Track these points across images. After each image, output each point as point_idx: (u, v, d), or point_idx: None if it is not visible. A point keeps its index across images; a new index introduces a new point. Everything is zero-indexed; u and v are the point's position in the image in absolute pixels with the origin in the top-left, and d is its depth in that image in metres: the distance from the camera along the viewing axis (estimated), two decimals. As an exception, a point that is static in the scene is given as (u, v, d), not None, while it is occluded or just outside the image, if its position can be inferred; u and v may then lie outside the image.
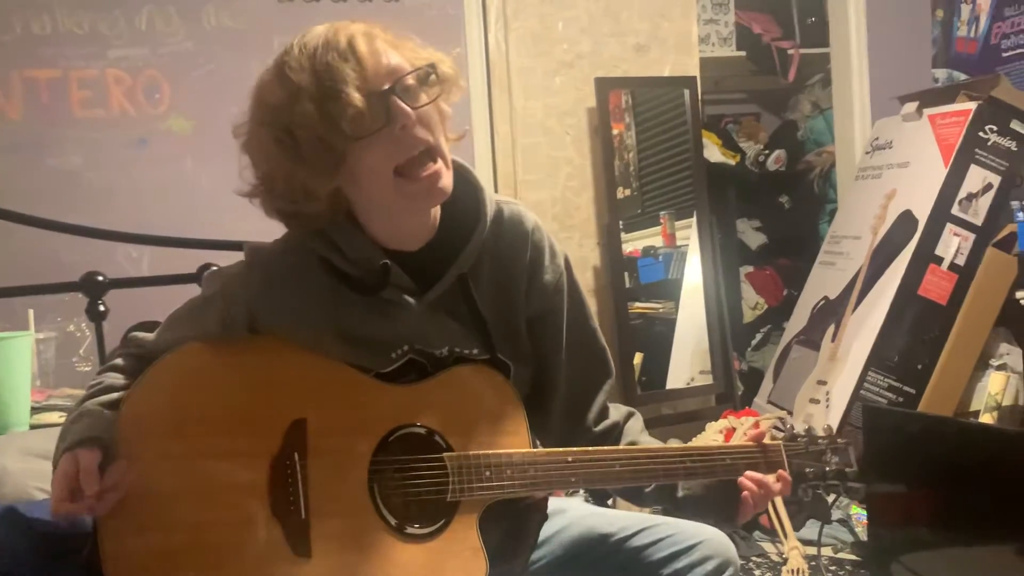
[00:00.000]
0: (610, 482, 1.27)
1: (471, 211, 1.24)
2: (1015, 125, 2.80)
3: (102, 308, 1.92)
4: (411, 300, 1.21)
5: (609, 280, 3.24)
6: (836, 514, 2.60)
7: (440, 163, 1.16)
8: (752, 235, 4.19)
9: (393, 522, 1.17)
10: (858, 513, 2.56)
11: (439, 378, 1.22)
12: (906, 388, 2.79)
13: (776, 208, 4.21)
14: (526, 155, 3.22)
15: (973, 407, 2.78)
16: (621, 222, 3.22)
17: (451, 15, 3.15)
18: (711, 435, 2.86)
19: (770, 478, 1.32)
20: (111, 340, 2.26)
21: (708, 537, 1.31)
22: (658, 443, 1.37)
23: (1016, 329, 2.75)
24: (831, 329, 3.06)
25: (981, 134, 2.80)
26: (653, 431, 3.18)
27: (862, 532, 2.47)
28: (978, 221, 2.81)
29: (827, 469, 1.39)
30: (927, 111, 3.02)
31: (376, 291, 1.20)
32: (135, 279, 2.44)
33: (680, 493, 1.33)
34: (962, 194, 2.82)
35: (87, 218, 2.44)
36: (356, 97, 1.09)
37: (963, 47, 3.21)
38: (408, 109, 1.12)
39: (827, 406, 2.90)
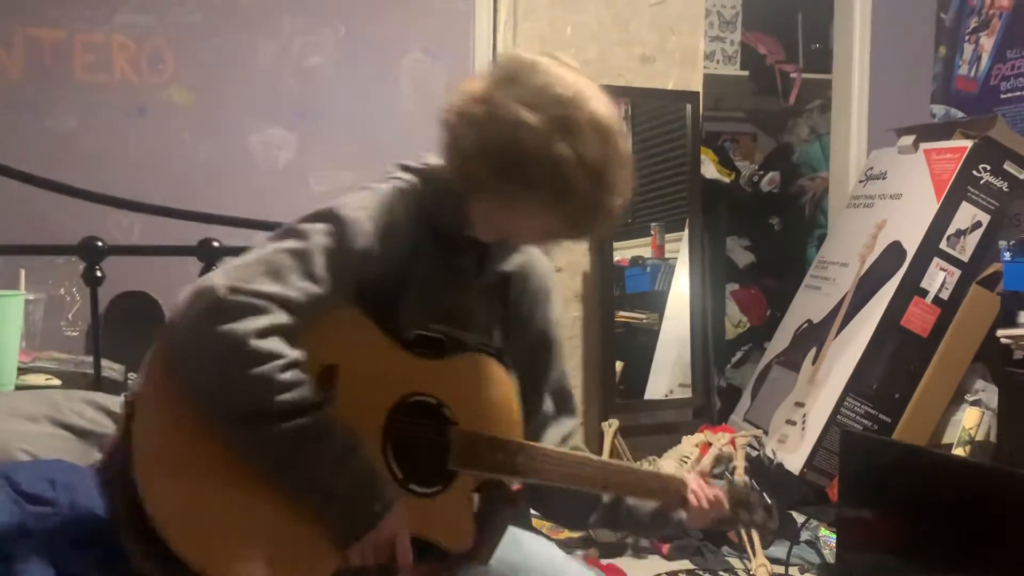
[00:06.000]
0: (577, 483, 1.36)
1: None
2: (1008, 166, 2.84)
3: (99, 274, 1.90)
4: (469, 281, 1.32)
5: (598, 287, 3.26)
6: (804, 535, 2.63)
7: None
8: (740, 253, 4.22)
9: (399, 476, 1.23)
10: (826, 536, 2.59)
11: (459, 359, 1.29)
12: (882, 416, 2.83)
13: (766, 229, 4.25)
14: (525, 156, 3.23)
15: (946, 439, 2.82)
16: (613, 230, 3.24)
17: (461, 9, 3.15)
18: (687, 448, 2.89)
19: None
20: (102, 307, 2.24)
21: None
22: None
23: (993, 366, 2.79)
24: (812, 352, 3.10)
25: (975, 172, 2.85)
26: (629, 440, 3.20)
27: (829, 555, 2.50)
28: (965, 257, 2.86)
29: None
30: (923, 145, 3.06)
31: (452, 256, 1.29)
32: (134, 247, 2.42)
33: (623, 512, 1.45)
34: (951, 230, 2.86)
35: (80, 182, 2.40)
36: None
37: (963, 85, 3.26)
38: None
39: (803, 428, 2.93)
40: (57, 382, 2.02)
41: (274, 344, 1.09)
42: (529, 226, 1.26)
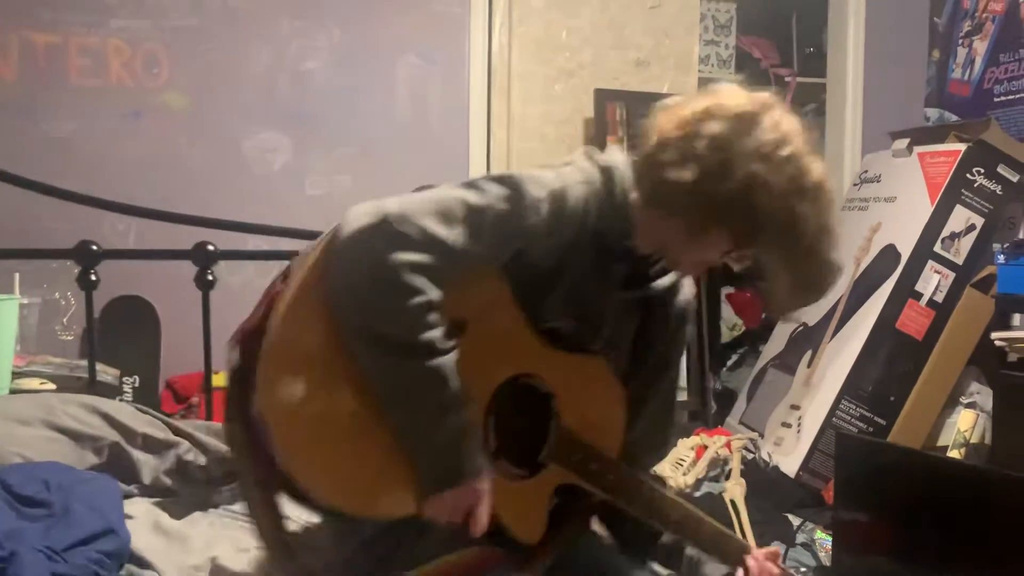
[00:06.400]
0: (654, 517, 1.37)
1: None
2: (1002, 169, 2.85)
3: (94, 278, 1.89)
4: (615, 289, 1.32)
5: (593, 290, 3.26)
6: (800, 538, 2.63)
7: None
8: (735, 257, 4.22)
9: (492, 447, 1.25)
10: (822, 538, 2.59)
11: (581, 358, 1.31)
12: (877, 419, 2.83)
13: (761, 232, 4.25)
14: (521, 160, 3.24)
15: (941, 442, 2.82)
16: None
17: (457, 14, 3.16)
18: (682, 451, 2.89)
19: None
20: (97, 311, 2.24)
21: None
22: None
23: (988, 369, 2.80)
24: (807, 355, 3.10)
25: (968, 175, 2.85)
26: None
27: (825, 557, 2.50)
28: (959, 260, 2.86)
29: None
30: (917, 149, 3.07)
31: (606, 261, 1.28)
32: (129, 251, 2.42)
33: (683, 561, 1.43)
34: (945, 233, 2.86)
35: (75, 186, 2.41)
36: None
37: (956, 89, 3.27)
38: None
39: (798, 431, 2.93)
40: (51, 386, 2.02)
41: (422, 281, 1.10)
42: (706, 258, 1.25)
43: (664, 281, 1.37)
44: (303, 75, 3.04)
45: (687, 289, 1.42)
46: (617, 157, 1.29)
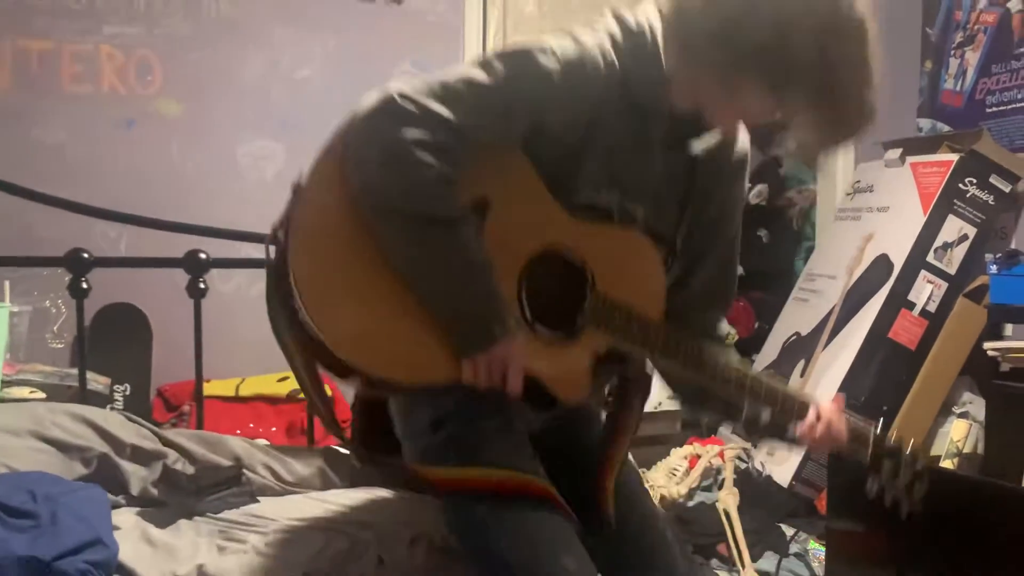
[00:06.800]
0: (706, 376, 1.33)
1: None
2: (994, 180, 2.86)
3: (85, 286, 1.88)
4: (656, 153, 1.28)
5: (586, 299, 3.25)
6: (793, 548, 2.63)
7: None
8: (729, 266, 4.23)
9: (528, 315, 1.25)
10: (815, 548, 2.59)
11: (614, 230, 1.29)
12: (870, 428, 2.83)
13: (754, 241, 4.26)
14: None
15: (934, 452, 2.82)
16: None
17: (452, 23, 3.16)
18: (675, 460, 2.88)
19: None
20: (88, 319, 2.22)
21: None
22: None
23: (980, 378, 2.80)
24: (800, 365, 3.10)
25: (961, 186, 2.86)
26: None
27: (818, 567, 2.50)
28: (952, 270, 2.86)
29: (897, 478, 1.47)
30: (910, 159, 3.08)
31: (643, 125, 1.25)
32: (121, 259, 2.41)
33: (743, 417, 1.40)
34: (938, 243, 2.87)
35: (67, 193, 2.39)
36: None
37: (949, 99, 3.28)
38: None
39: (792, 440, 2.93)
40: (41, 395, 2.01)
41: (431, 158, 1.11)
42: (744, 111, 1.22)
43: (710, 139, 1.32)
44: (297, 83, 3.03)
45: (743, 139, 1.38)
46: (646, 15, 1.25)
